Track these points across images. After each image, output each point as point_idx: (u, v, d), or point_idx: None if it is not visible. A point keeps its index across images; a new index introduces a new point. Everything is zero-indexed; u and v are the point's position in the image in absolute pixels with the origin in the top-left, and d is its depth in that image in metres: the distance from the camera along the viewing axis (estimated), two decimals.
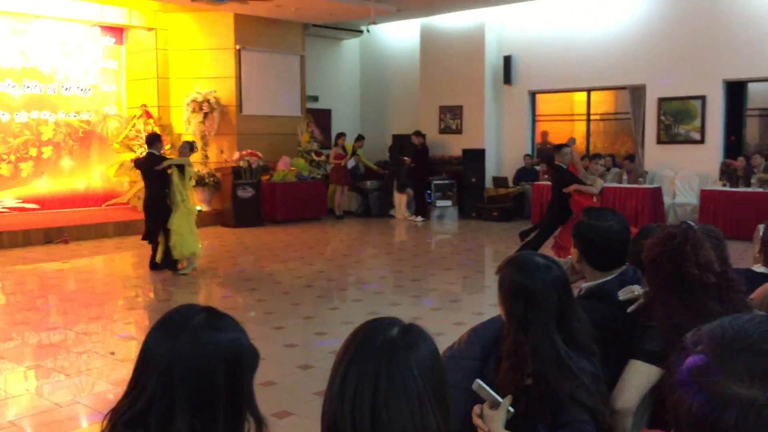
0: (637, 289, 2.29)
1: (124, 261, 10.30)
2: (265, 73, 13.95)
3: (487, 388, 1.95)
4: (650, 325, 2.20)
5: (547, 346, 1.95)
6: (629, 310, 2.26)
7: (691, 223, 2.22)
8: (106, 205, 13.44)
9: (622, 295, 2.30)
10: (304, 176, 13.83)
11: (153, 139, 8.94)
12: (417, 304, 7.06)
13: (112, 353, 5.46)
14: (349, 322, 6.39)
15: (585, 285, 2.50)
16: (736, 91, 12.22)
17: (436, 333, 5.59)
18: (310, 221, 13.52)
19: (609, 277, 2.45)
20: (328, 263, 9.76)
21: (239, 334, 1.43)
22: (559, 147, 8.86)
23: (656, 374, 2.13)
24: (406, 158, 13.98)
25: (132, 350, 5.73)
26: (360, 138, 14.64)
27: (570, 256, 2.70)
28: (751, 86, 12.25)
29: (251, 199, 12.94)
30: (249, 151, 13.02)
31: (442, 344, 5.65)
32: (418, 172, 13.83)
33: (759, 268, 2.89)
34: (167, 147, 13.26)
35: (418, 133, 14.13)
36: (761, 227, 3.05)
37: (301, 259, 9.76)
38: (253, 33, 13.62)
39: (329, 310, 6.93)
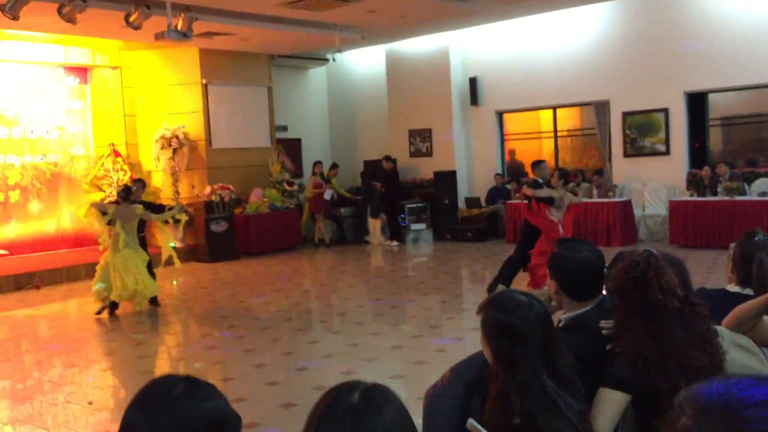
0: None
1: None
2: (233, 105, 13.95)
3: (480, 427, 1.95)
4: (618, 353, 2.23)
5: (536, 384, 1.96)
6: (609, 346, 2.28)
7: (653, 250, 2.26)
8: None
9: (605, 328, 2.32)
10: (277, 207, 13.80)
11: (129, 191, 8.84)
12: (397, 332, 7.04)
13: (90, 402, 5.36)
14: (330, 355, 6.37)
15: (564, 316, 2.52)
16: (697, 102, 12.49)
17: (418, 361, 5.64)
18: (286, 252, 13.47)
19: (588, 308, 2.47)
20: (306, 294, 9.72)
21: (220, 401, 1.41)
22: (537, 162, 9.00)
23: (624, 400, 2.17)
24: (376, 183, 14.04)
25: (110, 398, 5.63)
26: (334, 166, 14.66)
27: (546, 288, 2.73)
28: (711, 96, 12.53)
29: (225, 233, 12.86)
30: (220, 185, 12.97)
31: (424, 372, 5.68)
32: (389, 197, 13.89)
33: (733, 288, 2.94)
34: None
35: (387, 158, 14.21)
36: (733, 246, 3.11)
37: (279, 292, 9.71)
38: (220, 67, 13.63)
39: (309, 344, 6.88)
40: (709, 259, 9.98)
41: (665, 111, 12.42)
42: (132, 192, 8.84)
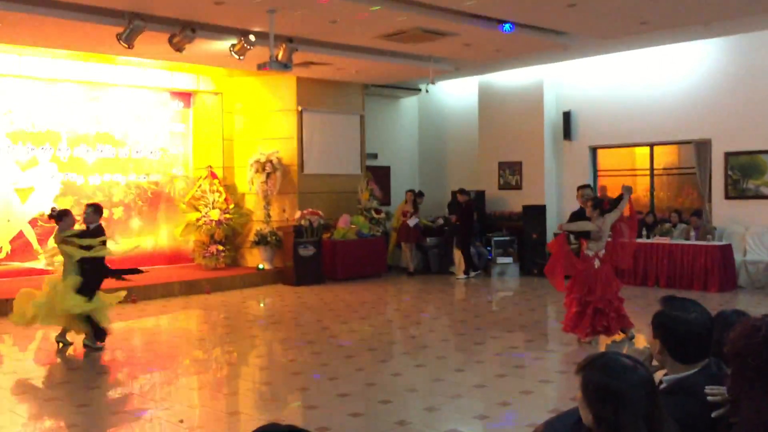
0: (725, 391, 2.21)
1: (189, 320, 10.49)
2: (325, 132, 14.26)
3: None
4: (736, 422, 2.12)
5: None
6: (714, 414, 2.18)
7: None
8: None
9: (710, 395, 2.22)
10: (364, 234, 13.94)
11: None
12: (481, 371, 6.95)
13: (181, 421, 5.53)
14: (413, 389, 6.34)
15: (666, 378, 2.43)
16: None
17: (502, 402, 5.53)
18: (370, 279, 13.57)
19: (693, 371, 2.38)
20: (390, 324, 9.74)
21: None
22: (582, 186, 8.82)
23: None
24: (452, 216, 14.02)
25: (197, 417, 5.79)
26: (420, 195, 14.74)
27: (646, 346, 2.64)
28: None
29: (312, 257, 13.09)
30: (310, 210, 13.23)
31: (507, 414, 5.57)
32: (463, 230, 13.77)
33: None
34: (231, 207, 13.67)
35: (462, 191, 14.07)
36: None
37: (363, 320, 9.77)
38: (315, 94, 13.99)
39: (392, 376, 6.88)
40: None
41: None
42: (64, 217, 7.97)
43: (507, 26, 10.07)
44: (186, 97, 14.18)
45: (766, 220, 11.86)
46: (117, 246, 13.08)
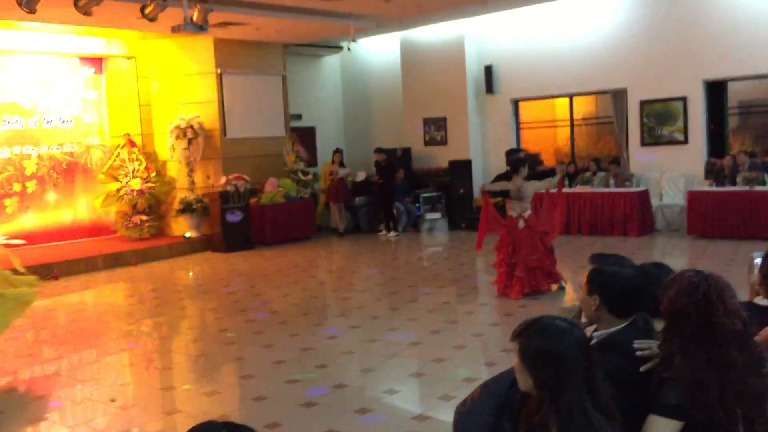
0: (656, 346, 2.28)
1: (116, 294, 10.22)
2: (247, 95, 13.92)
3: None
4: (669, 377, 2.18)
5: (580, 412, 1.93)
6: (643, 368, 2.26)
7: (703, 270, 2.22)
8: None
9: (639, 349, 2.29)
10: (292, 196, 13.80)
11: None
12: (415, 329, 7.04)
13: (113, 400, 5.40)
14: (349, 351, 6.38)
15: (597, 334, 2.49)
16: (716, 90, 12.33)
17: (437, 359, 5.62)
18: (301, 241, 13.50)
19: (620, 326, 2.45)
20: (322, 287, 9.73)
21: None
22: (510, 152, 9.03)
23: (677, 428, 2.13)
24: (373, 176, 14.07)
25: (130, 396, 5.68)
26: (337, 151, 14.56)
27: (575, 304, 2.71)
28: (730, 84, 12.37)
29: (240, 223, 12.89)
30: (235, 174, 12.98)
31: (443, 370, 5.68)
32: (383, 188, 13.83)
33: (761, 301, 2.90)
34: (153, 175, 13.27)
35: (379, 150, 14.07)
36: (756, 256, 3.06)
37: (295, 284, 9.73)
38: (234, 56, 13.59)
39: (327, 339, 6.89)
40: (728, 251, 9.90)
41: (684, 99, 12.28)
42: None
43: None
44: (97, 62, 13.54)
45: (679, 166, 12.34)
46: (32, 222, 12.62)
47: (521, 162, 8.13)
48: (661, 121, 12.60)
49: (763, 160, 11.71)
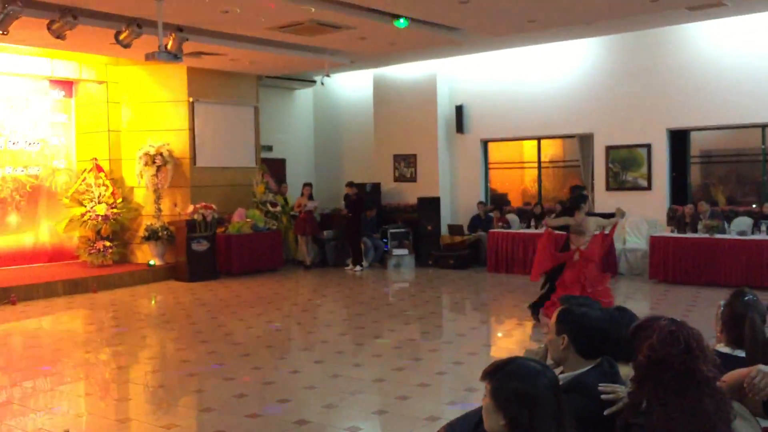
0: (621, 390, 2.31)
1: (75, 321, 9.99)
2: (218, 124, 13.92)
3: None
4: (637, 423, 2.19)
5: None
6: (607, 412, 2.28)
7: (676, 318, 2.25)
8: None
9: (604, 392, 2.32)
10: (259, 228, 13.73)
11: None
12: (379, 365, 7.00)
13: (66, 431, 5.25)
14: (312, 386, 6.32)
15: (563, 376, 2.52)
16: (679, 138, 12.67)
17: (401, 396, 5.59)
18: (267, 273, 13.40)
19: (586, 368, 2.48)
20: (287, 320, 9.65)
21: None
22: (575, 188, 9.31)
23: None
24: (342, 210, 14.11)
25: (85, 427, 5.53)
26: (307, 185, 14.59)
27: (541, 346, 2.73)
28: (693, 134, 12.72)
29: (206, 252, 12.77)
30: (203, 203, 12.90)
31: (406, 408, 5.64)
32: (351, 222, 13.86)
33: (723, 348, 2.96)
34: (119, 201, 13.11)
35: (350, 184, 14.16)
36: (721, 304, 3.13)
37: (260, 316, 9.63)
38: (207, 85, 13.61)
39: (290, 373, 6.82)
40: (689, 296, 10.08)
41: (648, 146, 12.58)
42: None
43: (401, 21, 10.15)
44: (67, 85, 13.45)
45: (642, 211, 12.58)
46: None
47: (583, 199, 8.45)
48: (625, 166, 12.88)
49: (722, 209, 12.01)
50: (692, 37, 12.07)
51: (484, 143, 14.77)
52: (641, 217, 12.56)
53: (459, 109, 14.65)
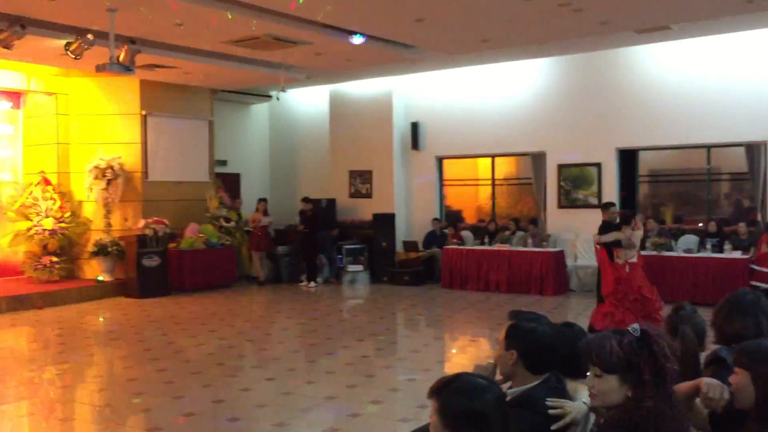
0: (569, 405, 2.33)
1: (18, 338, 9.68)
2: (172, 138, 13.73)
3: None
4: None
5: None
6: (554, 427, 2.30)
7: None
8: None
9: (552, 407, 2.34)
10: (213, 243, 13.55)
11: None
12: (332, 382, 6.95)
13: None
14: (263, 404, 6.23)
15: (511, 391, 2.53)
16: (628, 157, 12.97)
17: (353, 413, 5.56)
18: (220, 289, 13.22)
19: (534, 383, 2.50)
20: (239, 337, 9.51)
21: None
22: (606, 205, 9.71)
23: None
24: (298, 225, 14.04)
25: None
26: (262, 200, 14.50)
27: (490, 362, 2.74)
28: (641, 153, 13.04)
29: (158, 268, 12.54)
30: (155, 218, 12.68)
31: (359, 426, 5.61)
32: (307, 238, 13.79)
33: None
34: (67, 215, 12.80)
35: (306, 200, 14.09)
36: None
37: (211, 333, 9.48)
38: (160, 98, 13.43)
39: (241, 392, 6.71)
40: None
41: (598, 165, 12.84)
42: None
43: (357, 37, 10.20)
44: (15, 96, 13.12)
45: (593, 228, 12.76)
46: None
47: (633, 214, 9.01)
48: (577, 184, 13.12)
49: (669, 227, 12.31)
50: (641, 60, 12.41)
51: (439, 160, 14.88)
52: (592, 234, 12.75)
53: (415, 126, 14.75)
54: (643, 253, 11.25)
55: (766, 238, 10.20)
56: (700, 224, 12.33)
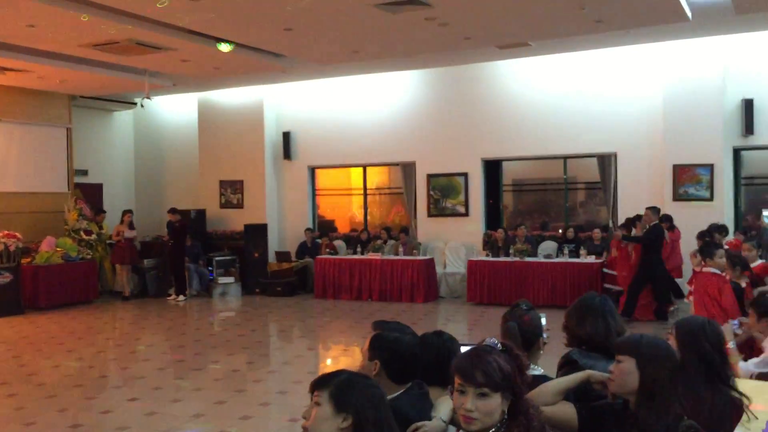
0: (427, 426, 2.35)
1: None
2: (25, 146, 12.90)
3: None
4: None
5: None
6: None
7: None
8: None
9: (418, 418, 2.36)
10: (72, 257, 12.79)
11: None
12: (200, 399, 6.73)
13: None
14: (125, 427, 5.93)
15: None
16: (493, 168, 13.50)
17: (222, 431, 5.36)
18: (80, 306, 12.49)
19: (398, 393, 2.52)
20: (100, 356, 9.02)
21: None
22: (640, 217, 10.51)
23: None
24: (163, 237, 13.59)
25: None
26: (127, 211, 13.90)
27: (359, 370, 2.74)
28: (505, 164, 13.62)
29: (9, 285, 11.67)
30: (6, 232, 11.79)
31: None
32: (174, 250, 13.36)
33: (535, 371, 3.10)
34: None
35: (173, 211, 13.61)
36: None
37: (69, 353, 8.93)
38: (12, 103, 12.59)
39: (101, 414, 6.36)
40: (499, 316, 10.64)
41: (465, 175, 13.29)
42: None
43: (225, 44, 10.00)
44: None
45: (461, 236, 13.24)
46: None
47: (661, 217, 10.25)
48: (445, 194, 13.50)
49: (532, 234, 12.91)
50: (503, 74, 12.98)
51: (312, 170, 14.86)
52: (460, 242, 13.20)
53: (286, 136, 14.65)
54: (506, 259, 11.78)
55: (616, 243, 10.90)
56: (560, 230, 13.02)
